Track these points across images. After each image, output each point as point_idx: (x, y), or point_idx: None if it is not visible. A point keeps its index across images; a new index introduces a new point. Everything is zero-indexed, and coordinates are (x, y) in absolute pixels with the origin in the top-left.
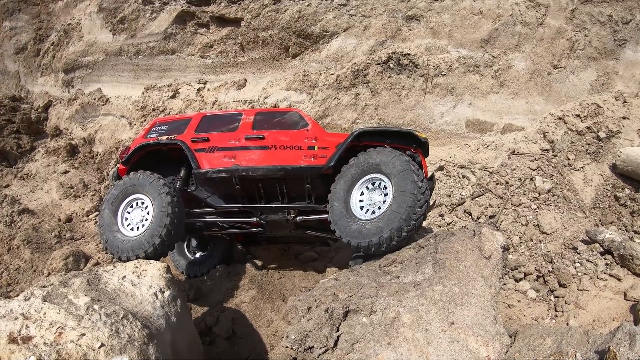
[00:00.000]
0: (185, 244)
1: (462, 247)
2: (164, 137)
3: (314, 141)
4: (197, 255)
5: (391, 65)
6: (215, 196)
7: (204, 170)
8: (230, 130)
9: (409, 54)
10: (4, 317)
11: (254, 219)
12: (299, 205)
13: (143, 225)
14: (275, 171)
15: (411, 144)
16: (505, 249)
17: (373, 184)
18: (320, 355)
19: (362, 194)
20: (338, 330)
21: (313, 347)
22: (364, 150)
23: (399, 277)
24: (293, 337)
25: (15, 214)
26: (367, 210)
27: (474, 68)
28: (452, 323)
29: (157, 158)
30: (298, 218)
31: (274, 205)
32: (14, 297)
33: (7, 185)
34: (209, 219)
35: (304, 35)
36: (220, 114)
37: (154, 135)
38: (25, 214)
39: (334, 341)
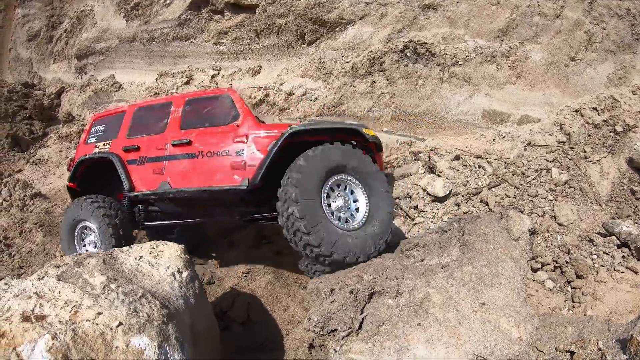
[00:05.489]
0: None
1: (490, 229)
2: (100, 144)
3: (243, 142)
4: None
5: (407, 54)
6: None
7: (135, 194)
8: (158, 131)
9: (425, 43)
10: (17, 296)
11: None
12: (241, 210)
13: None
14: (200, 193)
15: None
16: (532, 232)
17: None
18: (344, 337)
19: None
20: (362, 312)
21: (337, 329)
22: (304, 147)
23: (423, 260)
24: (316, 319)
25: (27, 198)
26: None
27: (491, 58)
28: (483, 304)
29: (105, 164)
30: (243, 220)
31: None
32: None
33: (20, 170)
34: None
35: (320, 22)
36: (151, 104)
37: (93, 139)
38: (37, 198)
39: (359, 323)
